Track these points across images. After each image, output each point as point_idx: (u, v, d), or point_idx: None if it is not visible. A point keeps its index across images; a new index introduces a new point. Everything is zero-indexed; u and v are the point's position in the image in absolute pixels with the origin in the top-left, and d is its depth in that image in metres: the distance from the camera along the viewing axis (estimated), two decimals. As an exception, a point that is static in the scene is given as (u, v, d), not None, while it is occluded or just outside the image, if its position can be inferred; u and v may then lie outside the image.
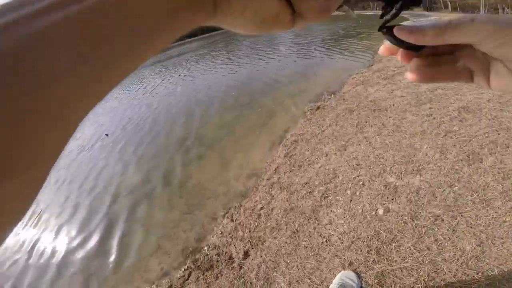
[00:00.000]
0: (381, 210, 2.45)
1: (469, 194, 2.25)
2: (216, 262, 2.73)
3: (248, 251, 2.74)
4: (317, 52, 12.17)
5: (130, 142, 6.88)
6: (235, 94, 8.68)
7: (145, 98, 11.84)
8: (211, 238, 3.06)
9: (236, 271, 2.58)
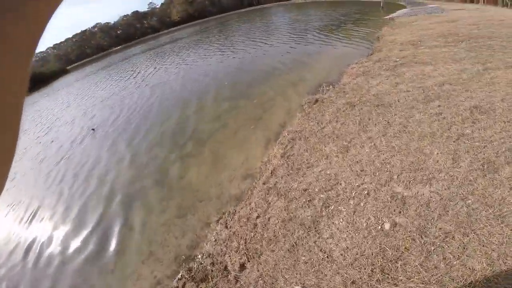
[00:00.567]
0: (387, 224, 2.22)
1: (483, 209, 2.02)
2: (210, 272, 2.54)
3: (244, 264, 2.54)
4: (315, 38, 11.73)
5: (120, 138, 6.60)
6: (230, 83, 8.32)
7: (136, 88, 11.44)
8: (205, 245, 2.85)
9: (232, 285, 2.39)
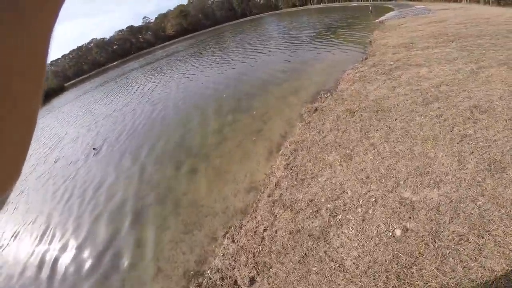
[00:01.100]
0: (398, 230, 2.21)
1: (495, 209, 2.02)
2: (220, 287, 2.52)
3: (254, 278, 2.51)
4: (309, 46, 11.92)
5: (124, 156, 6.55)
6: (229, 95, 8.38)
7: (137, 104, 11.46)
8: (213, 260, 2.83)
9: (243, 299, 2.38)
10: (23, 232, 4.87)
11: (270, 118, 5.66)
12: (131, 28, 78.44)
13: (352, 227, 2.38)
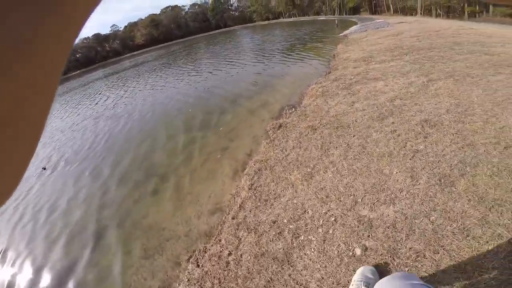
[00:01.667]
0: (358, 249, 2.17)
1: (447, 224, 2.05)
2: (188, 316, 2.29)
3: (222, 305, 2.35)
4: (280, 59, 12.19)
5: (79, 176, 6.00)
6: (196, 109, 8.18)
7: (98, 118, 10.83)
8: (178, 286, 2.66)
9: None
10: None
11: (237, 136, 5.56)
12: (98, 36, 75.26)
13: (314, 248, 2.32)
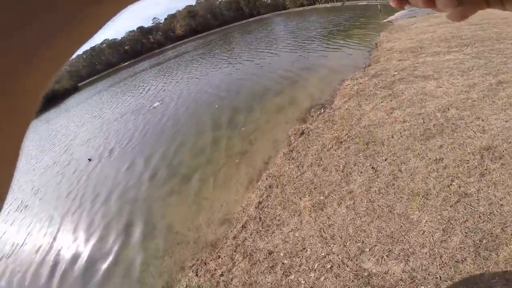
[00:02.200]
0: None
1: None
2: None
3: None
4: (312, 49, 11.26)
5: (111, 169, 6.47)
6: (221, 107, 7.86)
7: (144, 109, 11.15)
8: None
9: None
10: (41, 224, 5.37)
11: (257, 138, 5.14)
12: (142, 29, 79.12)
13: (300, 292, 1.92)
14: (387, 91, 4.42)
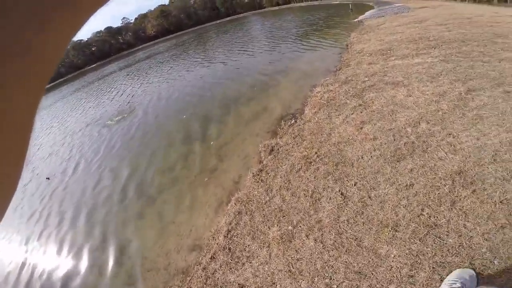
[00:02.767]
0: None
1: None
2: None
3: None
4: (286, 50, 11.14)
5: (72, 190, 5.91)
6: (190, 115, 7.48)
7: (94, 124, 10.44)
8: None
9: None
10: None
11: (227, 154, 4.87)
12: (110, 29, 75.56)
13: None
14: (358, 100, 4.27)
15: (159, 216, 4.17)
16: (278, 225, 2.62)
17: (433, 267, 1.73)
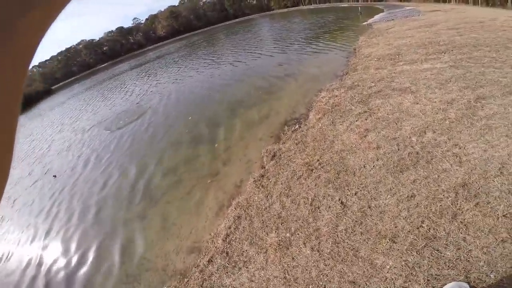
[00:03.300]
0: None
1: None
2: None
3: None
4: (293, 53, 11.09)
5: (80, 189, 5.99)
6: (194, 119, 7.50)
7: (106, 122, 10.62)
8: None
9: None
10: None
11: (230, 158, 4.87)
12: (121, 29, 76.90)
13: None
14: (363, 107, 4.21)
15: (161, 217, 4.20)
16: (276, 231, 2.60)
17: (428, 280, 1.70)
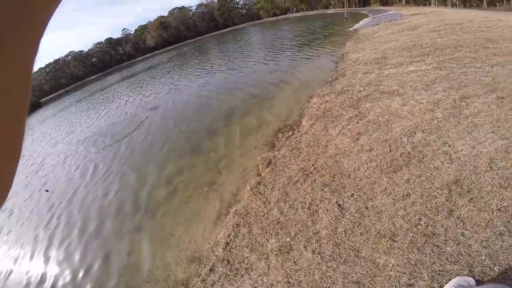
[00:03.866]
0: None
1: None
2: None
3: None
4: (283, 60, 11.30)
5: (71, 207, 5.80)
6: (188, 129, 7.51)
7: (98, 136, 10.49)
8: None
9: None
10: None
11: (226, 167, 4.88)
12: (110, 40, 76.67)
13: None
14: (354, 111, 4.31)
15: (159, 228, 4.17)
16: (276, 237, 2.61)
17: (432, 276, 1.73)
